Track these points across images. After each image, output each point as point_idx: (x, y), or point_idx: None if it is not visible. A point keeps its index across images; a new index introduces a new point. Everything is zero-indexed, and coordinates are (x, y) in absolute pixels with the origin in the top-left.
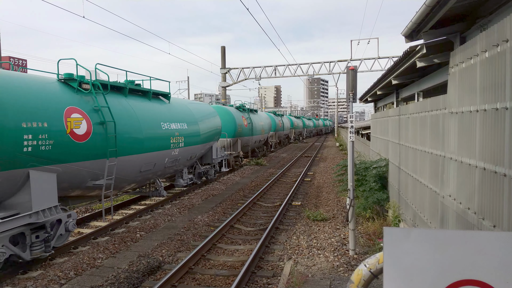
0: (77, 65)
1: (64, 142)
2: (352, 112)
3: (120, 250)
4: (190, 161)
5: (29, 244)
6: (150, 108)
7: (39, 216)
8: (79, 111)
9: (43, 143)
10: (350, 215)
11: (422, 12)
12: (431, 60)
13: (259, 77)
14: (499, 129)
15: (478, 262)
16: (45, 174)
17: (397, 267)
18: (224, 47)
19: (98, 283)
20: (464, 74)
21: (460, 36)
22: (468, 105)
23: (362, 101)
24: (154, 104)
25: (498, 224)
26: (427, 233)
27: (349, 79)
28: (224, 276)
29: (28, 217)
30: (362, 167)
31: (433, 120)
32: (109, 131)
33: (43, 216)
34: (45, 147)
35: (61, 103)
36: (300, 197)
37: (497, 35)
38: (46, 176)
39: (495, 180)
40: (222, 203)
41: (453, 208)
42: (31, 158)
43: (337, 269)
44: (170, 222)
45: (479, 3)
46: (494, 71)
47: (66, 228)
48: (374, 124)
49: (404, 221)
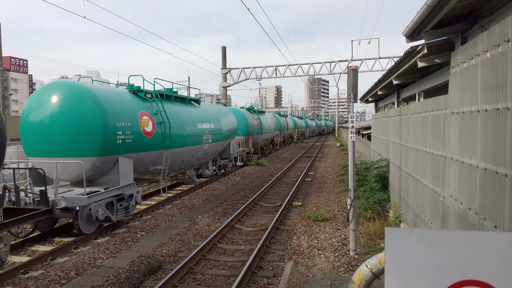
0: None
1: (139, 137)
2: (353, 112)
3: (121, 250)
4: (214, 155)
5: (115, 210)
6: (189, 111)
7: (124, 190)
8: (147, 114)
9: (127, 137)
10: (351, 215)
11: (423, 12)
12: (432, 60)
13: (259, 77)
14: (500, 129)
15: (480, 262)
16: (127, 160)
17: (398, 268)
18: (224, 47)
19: (99, 283)
20: (465, 74)
21: (461, 36)
22: (469, 105)
23: (363, 101)
24: (190, 108)
25: (500, 225)
26: (429, 233)
27: (350, 79)
28: (225, 276)
29: (117, 190)
30: (363, 167)
31: (434, 120)
32: (166, 129)
33: (125, 190)
34: (128, 140)
35: (136, 108)
36: (301, 197)
37: (498, 35)
38: (127, 161)
39: (497, 181)
40: (222, 203)
41: (454, 209)
42: (121, 148)
43: (338, 269)
44: (171, 222)
45: (480, 3)
46: (495, 71)
47: (136, 201)
48: (374, 124)
49: (405, 221)
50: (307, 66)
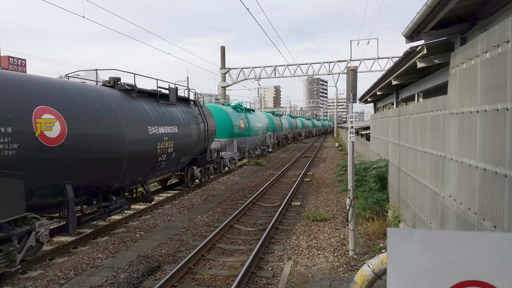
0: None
1: (240, 131)
2: (352, 113)
3: (120, 250)
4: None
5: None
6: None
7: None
8: (241, 120)
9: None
10: (350, 216)
11: (422, 12)
12: (431, 60)
13: (258, 77)
14: (499, 129)
15: (481, 263)
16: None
17: (400, 268)
18: (223, 47)
19: (98, 283)
20: (465, 75)
21: (461, 37)
22: (469, 105)
23: (361, 101)
24: (251, 115)
25: (499, 225)
26: (431, 234)
27: (349, 79)
28: (224, 276)
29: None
30: (362, 167)
31: (433, 121)
32: (250, 126)
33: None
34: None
35: (232, 119)
36: (300, 197)
37: (498, 35)
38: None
39: (496, 181)
40: (221, 203)
41: (454, 209)
42: (237, 135)
43: (337, 270)
44: (170, 222)
45: (479, 4)
46: (495, 72)
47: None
48: (373, 125)
49: (404, 221)
50: (306, 66)
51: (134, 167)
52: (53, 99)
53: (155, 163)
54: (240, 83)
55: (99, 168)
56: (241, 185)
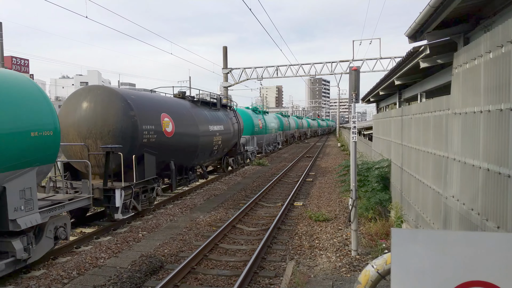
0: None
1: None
2: (354, 113)
3: (123, 250)
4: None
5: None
6: (266, 117)
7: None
8: (260, 120)
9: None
10: (352, 216)
11: (426, 12)
12: (434, 60)
13: (261, 77)
14: (503, 130)
15: (486, 263)
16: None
17: (404, 268)
18: (226, 47)
19: (101, 282)
20: (468, 75)
21: (464, 37)
22: (472, 105)
23: (364, 101)
24: (266, 116)
25: (502, 225)
26: (435, 234)
27: (352, 79)
28: (227, 276)
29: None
30: (364, 167)
31: (436, 121)
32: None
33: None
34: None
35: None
36: (302, 198)
37: (501, 35)
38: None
39: (499, 181)
40: (224, 203)
41: (457, 209)
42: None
43: (339, 270)
44: (172, 222)
45: (483, 3)
46: (498, 72)
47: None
48: (376, 125)
49: (406, 221)
50: (308, 66)
51: (202, 153)
52: (167, 108)
53: (211, 151)
54: (242, 83)
55: (185, 152)
56: (243, 185)
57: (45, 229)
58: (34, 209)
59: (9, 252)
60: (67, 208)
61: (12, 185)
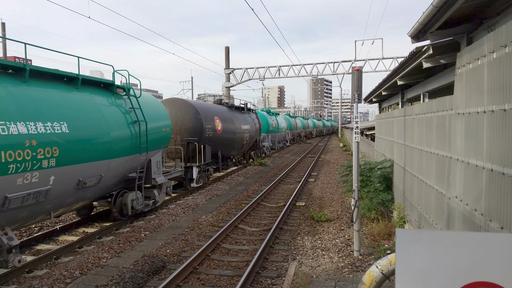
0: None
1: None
2: (357, 113)
3: (125, 250)
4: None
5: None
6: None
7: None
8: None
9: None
10: (355, 216)
11: (429, 12)
12: (437, 61)
13: (263, 78)
14: (507, 130)
15: (490, 264)
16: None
17: (409, 269)
18: (228, 47)
19: (103, 282)
20: (471, 75)
21: (467, 37)
22: (475, 106)
23: (366, 101)
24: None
25: (506, 226)
26: (439, 234)
27: (355, 79)
28: (229, 276)
29: None
30: (367, 167)
31: (439, 121)
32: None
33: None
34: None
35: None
36: (304, 198)
37: (505, 35)
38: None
39: (503, 182)
40: (226, 203)
41: (460, 210)
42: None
43: (342, 270)
44: (175, 222)
45: (486, 3)
46: (502, 72)
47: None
48: (378, 125)
49: (409, 222)
50: (310, 66)
51: (237, 146)
52: (216, 112)
53: (242, 145)
54: (244, 83)
55: (227, 145)
56: (245, 185)
57: (163, 186)
58: (161, 174)
59: (151, 197)
60: (173, 175)
61: (154, 158)
